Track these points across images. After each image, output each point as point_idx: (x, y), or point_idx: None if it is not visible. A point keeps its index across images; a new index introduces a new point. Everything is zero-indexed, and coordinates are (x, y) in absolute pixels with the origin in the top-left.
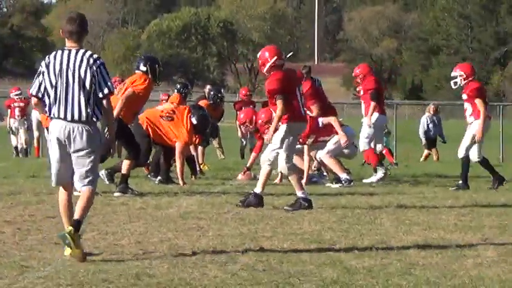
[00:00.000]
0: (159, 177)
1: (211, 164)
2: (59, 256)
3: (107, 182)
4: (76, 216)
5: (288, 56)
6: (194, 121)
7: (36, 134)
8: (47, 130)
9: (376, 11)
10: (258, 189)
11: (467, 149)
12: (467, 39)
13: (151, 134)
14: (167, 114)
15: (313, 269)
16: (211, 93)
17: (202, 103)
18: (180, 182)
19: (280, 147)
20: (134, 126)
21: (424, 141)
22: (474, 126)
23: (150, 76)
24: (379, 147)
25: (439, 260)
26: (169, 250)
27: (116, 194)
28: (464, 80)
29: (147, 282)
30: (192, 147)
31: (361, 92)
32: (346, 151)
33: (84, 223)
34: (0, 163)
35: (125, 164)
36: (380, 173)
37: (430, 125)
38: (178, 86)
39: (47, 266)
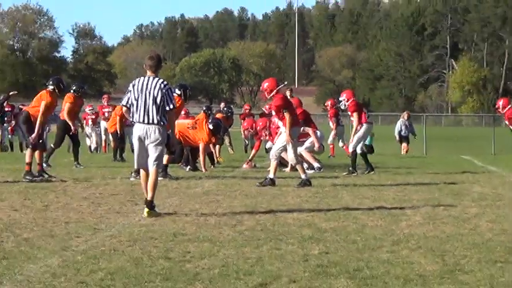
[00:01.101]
0: (188, 167)
1: (225, 157)
2: (121, 221)
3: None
4: (148, 197)
5: (283, 85)
6: (210, 126)
7: (103, 137)
8: (111, 135)
9: (338, 50)
10: (271, 175)
11: (354, 146)
12: (401, 69)
13: (182, 141)
14: (191, 125)
15: (295, 229)
16: (225, 108)
17: (218, 115)
18: (203, 170)
19: (289, 144)
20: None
21: (397, 138)
22: (359, 131)
23: (182, 97)
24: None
25: (383, 223)
26: (196, 216)
27: (159, 178)
28: (347, 101)
29: (181, 238)
30: (211, 146)
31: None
32: (317, 149)
33: (137, 198)
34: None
35: (165, 158)
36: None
37: (403, 127)
38: (204, 108)
39: (111, 228)
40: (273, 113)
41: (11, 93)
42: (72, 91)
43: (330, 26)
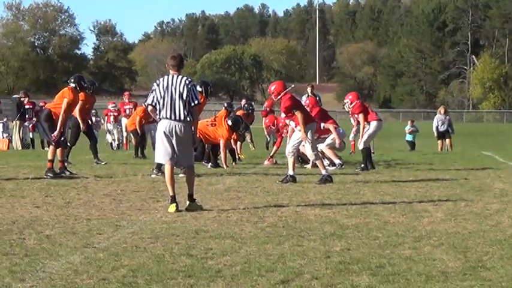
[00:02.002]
0: (210, 164)
1: (246, 153)
2: (142, 218)
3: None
4: (188, 191)
5: (290, 87)
6: (230, 122)
7: (125, 134)
8: (131, 133)
9: (358, 47)
10: (290, 172)
11: (365, 143)
12: (422, 66)
13: (203, 139)
14: (211, 123)
15: (317, 225)
16: (245, 105)
17: (239, 112)
18: (224, 166)
19: (306, 142)
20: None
21: (435, 134)
22: (369, 128)
23: (203, 94)
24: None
25: (404, 219)
26: (218, 213)
27: (180, 175)
28: (351, 104)
29: (203, 235)
30: (232, 142)
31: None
32: (338, 146)
33: (159, 195)
34: (100, 154)
35: None
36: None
37: (439, 122)
38: (226, 105)
39: (133, 225)
40: (283, 115)
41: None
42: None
43: (351, 23)
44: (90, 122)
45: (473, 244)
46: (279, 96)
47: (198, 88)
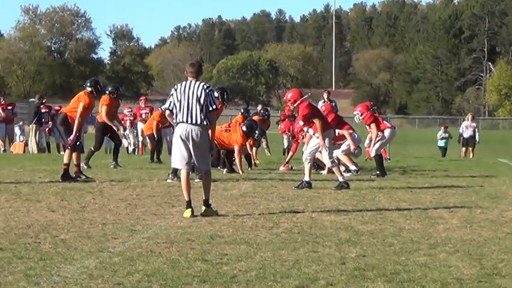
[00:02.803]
0: (225, 169)
1: (262, 159)
2: (157, 223)
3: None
4: (204, 197)
5: (307, 96)
6: (244, 128)
7: (140, 138)
8: (147, 137)
9: (375, 53)
10: (306, 178)
11: (377, 150)
12: (438, 73)
13: (217, 145)
14: (225, 128)
15: (332, 232)
16: (261, 111)
17: (255, 118)
18: (240, 172)
19: (324, 149)
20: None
21: (460, 140)
22: (376, 138)
23: (220, 100)
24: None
25: (420, 226)
26: (233, 218)
27: (196, 180)
28: (361, 115)
29: (218, 240)
30: (248, 148)
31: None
32: (354, 152)
33: (174, 200)
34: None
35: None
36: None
37: (464, 129)
38: (242, 110)
39: (148, 229)
40: (301, 122)
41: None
42: (107, 92)
43: (367, 29)
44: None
45: (488, 251)
46: (296, 104)
47: (215, 94)
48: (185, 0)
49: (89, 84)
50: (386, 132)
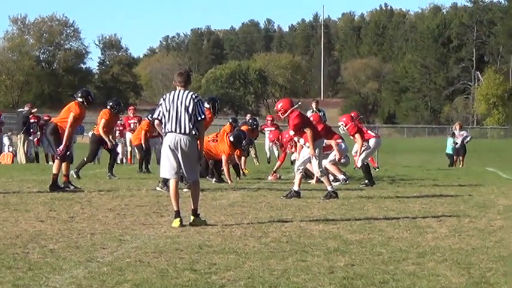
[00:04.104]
0: (214, 179)
1: (250, 168)
2: (146, 233)
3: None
4: (193, 207)
5: (297, 105)
6: (231, 139)
7: (129, 148)
8: (136, 147)
9: (363, 62)
10: (296, 188)
11: (363, 160)
12: (426, 82)
13: (205, 155)
14: (213, 138)
15: (321, 241)
16: (250, 120)
17: (244, 127)
18: (228, 181)
19: (313, 158)
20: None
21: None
22: (362, 148)
23: (211, 110)
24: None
25: (408, 235)
26: (222, 228)
27: (185, 190)
28: (345, 126)
29: (206, 250)
30: (236, 158)
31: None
32: (342, 161)
33: (163, 210)
34: (103, 169)
35: None
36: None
37: (454, 139)
38: (230, 120)
39: (137, 239)
40: (291, 132)
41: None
42: (108, 107)
43: (356, 38)
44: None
45: (476, 260)
46: (286, 114)
47: (206, 105)
48: (174, 10)
49: (80, 94)
50: (371, 141)
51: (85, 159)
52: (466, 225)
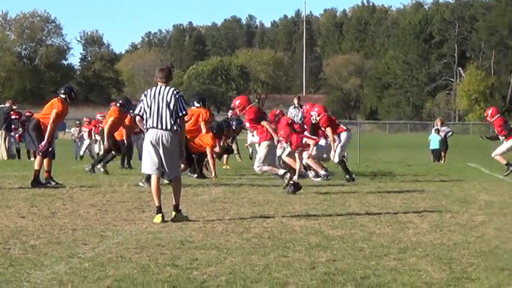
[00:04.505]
0: (195, 175)
1: (232, 164)
2: (128, 228)
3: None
4: (174, 203)
5: (255, 103)
6: (214, 130)
7: None
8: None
9: (345, 58)
10: (282, 173)
11: (339, 155)
12: (408, 78)
13: (190, 148)
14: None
15: (302, 236)
16: (232, 117)
17: None
18: (213, 173)
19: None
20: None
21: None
22: (336, 144)
23: (205, 108)
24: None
25: (390, 230)
26: (204, 224)
27: (165, 181)
28: (318, 116)
29: (188, 246)
30: (223, 142)
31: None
32: (324, 156)
33: (144, 206)
34: (86, 164)
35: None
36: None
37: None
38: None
39: (119, 235)
40: (247, 124)
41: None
42: (118, 105)
43: (338, 34)
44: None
45: (458, 255)
46: (244, 111)
47: (196, 104)
48: (156, 6)
49: (63, 91)
50: (343, 135)
51: (115, 152)
52: (447, 221)
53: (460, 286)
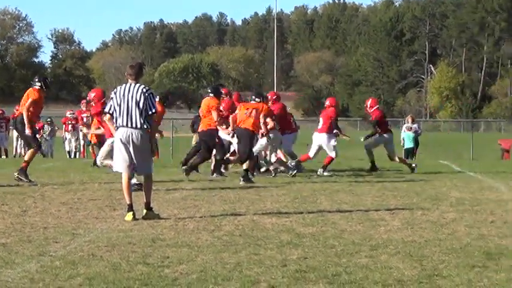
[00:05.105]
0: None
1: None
2: (99, 226)
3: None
4: (145, 199)
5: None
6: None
7: (82, 142)
8: (95, 145)
9: (316, 56)
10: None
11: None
12: (379, 75)
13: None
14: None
15: (274, 234)
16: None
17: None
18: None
19: None
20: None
21: (403, 143)
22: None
23: (162, 103)
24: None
25: (361, 228)
26: (175, 221)
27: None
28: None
29: (159, 244)
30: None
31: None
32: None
33: (116, 203)
34: (58, 162)
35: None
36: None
37: (406, 131)
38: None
39: (90, 233)
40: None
41: None
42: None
43: (309, 32)
44: None
45: (429, 252)
46: (102, 101)
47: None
48: (126, 3)
49: (37, 80)
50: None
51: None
52: (418, 218)
53: (432, 283)
